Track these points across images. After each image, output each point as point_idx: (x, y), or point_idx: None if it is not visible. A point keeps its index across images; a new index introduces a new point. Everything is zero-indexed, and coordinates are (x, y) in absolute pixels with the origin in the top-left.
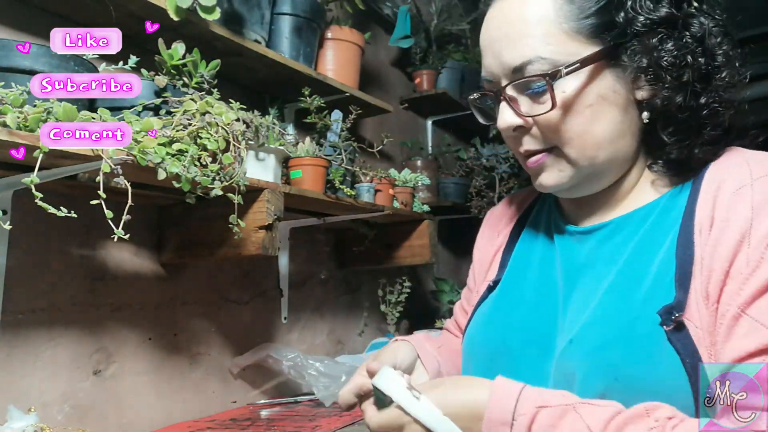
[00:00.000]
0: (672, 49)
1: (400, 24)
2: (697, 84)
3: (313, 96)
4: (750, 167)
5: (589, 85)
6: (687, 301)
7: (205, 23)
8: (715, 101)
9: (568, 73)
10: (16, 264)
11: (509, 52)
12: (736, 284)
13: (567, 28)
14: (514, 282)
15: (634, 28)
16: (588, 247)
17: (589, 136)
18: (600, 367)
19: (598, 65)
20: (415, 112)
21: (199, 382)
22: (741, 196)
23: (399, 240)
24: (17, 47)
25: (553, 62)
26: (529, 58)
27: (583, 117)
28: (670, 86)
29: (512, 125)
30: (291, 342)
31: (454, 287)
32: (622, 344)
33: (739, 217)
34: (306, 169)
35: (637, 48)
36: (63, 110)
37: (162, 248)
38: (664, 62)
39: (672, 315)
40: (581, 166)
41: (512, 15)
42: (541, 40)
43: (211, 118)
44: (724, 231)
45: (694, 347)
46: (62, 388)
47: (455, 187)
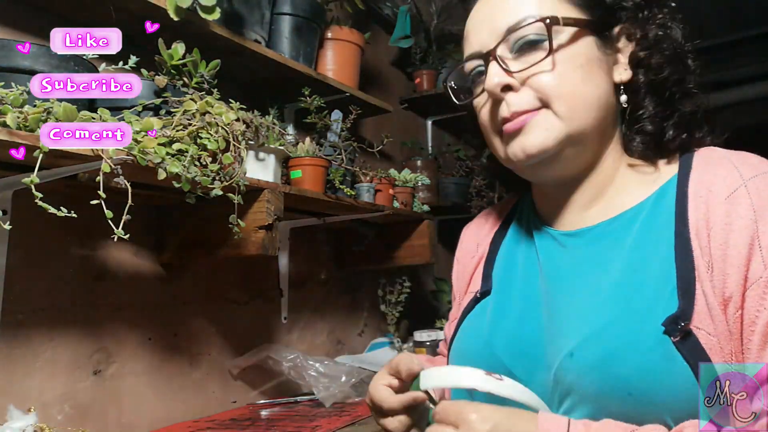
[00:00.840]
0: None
1: (400, 24)
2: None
3: (313, 96)
4: (738, 169)
5: (580, 46)
6: (693, 309)
7: (205, 23)
8: (690, 81)
9: (565, 24)
10: (16, 264)
11: (504, 16)
12: (759, 289)
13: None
14: (500, 291)
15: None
16: (571, 251)
17: (579, 94)
18: (608, 382)
19: (587, 31)
20: (415, 112)
21: (199, 382)
22: (738, 199)
23: (399, 240)
24: (17, 47)
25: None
26: (524, 16)
27: (576, 75)
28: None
29: (501, 83)
30: (291, 342)
31: None
32: (630, 357)
33: (743, 221)
34: (306, 169)
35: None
36: (63, 110)
37: (162, 248)
38: (652, 33)
39: (678, 325)
40: (570, 125)
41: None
42: (537, 3)
43: (211, 118)
44: (729, 235)
45: (704, 356)
46: (62, 388)
47: (455, 187)
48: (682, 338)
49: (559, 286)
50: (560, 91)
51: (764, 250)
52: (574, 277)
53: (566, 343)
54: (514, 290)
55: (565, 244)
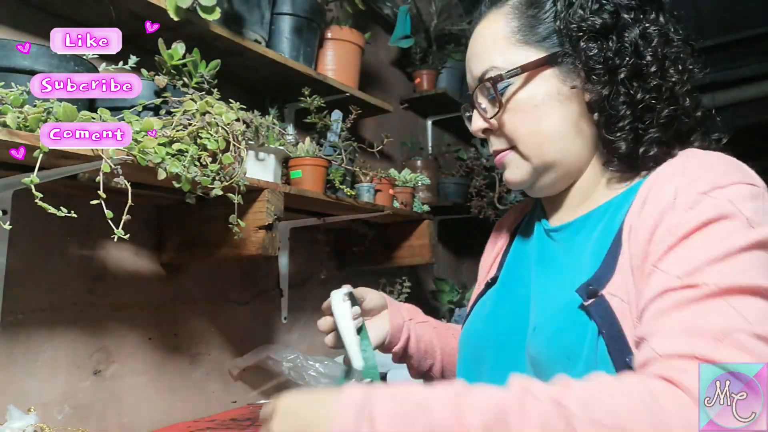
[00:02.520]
0: (597, 50)
1: (400, 24)
2: (632, 82)
3: (313, 96)
4: (685, 159)
5: (533, 87)
6: (611, 277)
7: (205, 23)
8: (651, 97)
9: (510, 77)
10: (16, 264)
11: (476, 66)
12: (656, 246)
13: (515, 40)
14: (507, 279)
15: (569, 35)
16: (556, 244)
17: (537, 133)
18: (555, 349)
19: (541, 69)
20: (415, 112)
21: (199, 382)
22: (671, 180)
23: (399, 240)
24: (17, 47)
25: (503, 69)
26: (486, 68)
27: (531, 116)
28: (599, 82)
29: (479, 128)
30: (291, 342)
31: (454, 287)
32: (571, 327)
33: (665, 195)
34: (306, 169)
35: (570, 51)
36: (63, 110)
37: (162, 248)
38: (590, 61)
39: (587, 288)
40: (534, 162)
41: (479, 35)
42: (495, 53)
43: (211, 118)
44: (652, 208)
45: (613, 318)
46: (62, 388)
47: (455, 187)
48: (593, 302)
49: (544, 274)
50: (518, 135)
51: (674, 215)
52: (554, 267)
53: (534, 321)
54: (519, 277)
55: (553, 237)
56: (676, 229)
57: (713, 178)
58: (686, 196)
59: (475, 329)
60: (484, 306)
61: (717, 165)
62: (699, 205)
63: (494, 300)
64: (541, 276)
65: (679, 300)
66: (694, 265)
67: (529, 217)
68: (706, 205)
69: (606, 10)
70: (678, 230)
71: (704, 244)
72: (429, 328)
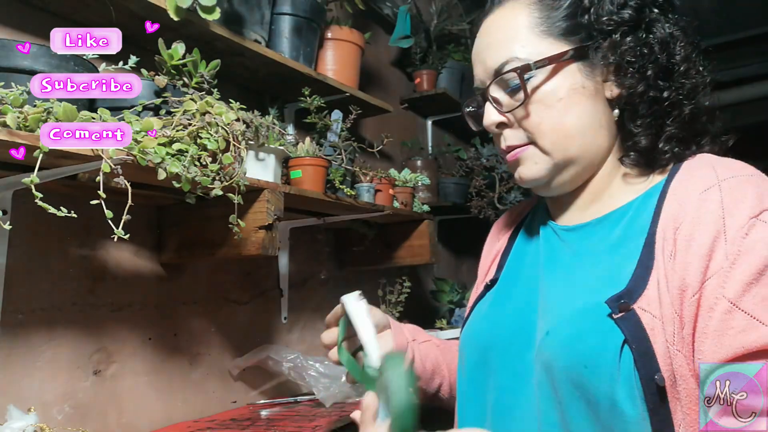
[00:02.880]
0: (631, 43)
1: (400, 24)
2: (659, 77)
3: (313, 96)
4: (716, 170)
5: (559, 80)
6: (642, 292)
7: (205, 23)
8: (679, 94)
9: (538, 68)
10: (16, 264)
11: (491, 57)
12: (720, 278)
13: (539, 31)
14: (509, 280)
15: (599, 29)
16: (567, 244)
17: (561, 128)
18: (570, 356)
19: (567, 62)
20: (415, 112)
21: (199, 382)
22: (709, 196)
23: (399, 240)
24: (17, 47)
25: (527, 61)
26: (507, 59)
27: (555, 110)
28: (633, 78)
29: (495, 122)
30: (291, 342)
31: (454, 287)
32: (589, 335)
33: (711, 216)
34: (306, 169)
35: (602, 45)
36: (63, 110)
37: (162, 248)
38: (627, 57)
39: (618, 302)
40: (555, 157)
41: (494, 26)
42: (518, 44)
43: (211, 118)
44: (695, 229)
45: (643, 333)
46: (62, 388)
47: (455, 187)
48: (623, 316)
49: (554, 275)
50: (541, 129)
51: (729, 242)
52: (567, 267)
53: (547, 324)
54: (521, 278)
55: (563, 238)
56: (737, 258)
57: (756, 199)
58: (737, 220)
59: (477, 332)
60: (485, 307)
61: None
62: (753, 230)
63: (495, 301)
64: (552, 278)
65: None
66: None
67: (531, 218)
68: (763, 232)
69: (631, 5)
70: (742, 261)
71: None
72: (432, 347)
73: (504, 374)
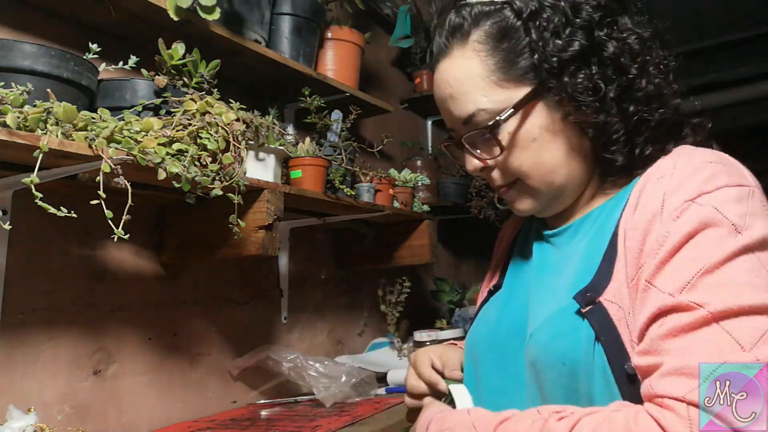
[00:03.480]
0: (583, 80)
1: (400, 24)
2: (621, 98)
3: (313, 96)
4: (677, 159)
5: (528, 122)
6: (608, 284)
7: (205, 23)
8: (642, 108)
9: (505, 120)
10: (16, 264)
11: (456, 109)
12: (648, 260)
13: (496, 78)
14: (511, 285)
15: (549, 68)
16: (555, 248)
17: (541, 166)
18: (551, 355)
19: (531, 104)
20: (415, 112)
21: (199, 382)
22: (660, 183)
23: (399, 240)
24: (17, 47)
25: (492, 111)
26: (472, 111)
27: (532, 151)
28: (591, 110)
29: (477, 168)
30: (291, 342)
31: (454, 287)
32: (567, 334)
33: (654, 201)
34: (306, 169)
35: (554, 84)
36: (63, 110)
37: (162, 248)
38: (577, 93)
39: (584, 295)
40: (542, 192)
41: (450, 77)
42: (478, 94)
43: (211, 118)
44: (642, 215)
45: (611, 325)
46: (62, 388)
47: (455, 187)
48: (590, 309)
49: (543, 277)
50: (523, 171)
51: (662, 225)
52: (553, 270)
53: (532, 325)
54: (518, 284)
55: (552, 242)
56: (665, 240)
57: (699, 183)
58: (673, 203)
59: (478, 337)
60: (488, 312)
61: (705, 166)
62: (685, 213)
63: (498, 306)
64: (540, 281)
65: (673, 327)
66: (685, 280)
67: (527, 225)
68: (692, 214)
69: (579, 29)
70: (666, 242)
71: (693, 257)
72: None
73: (499, 376)
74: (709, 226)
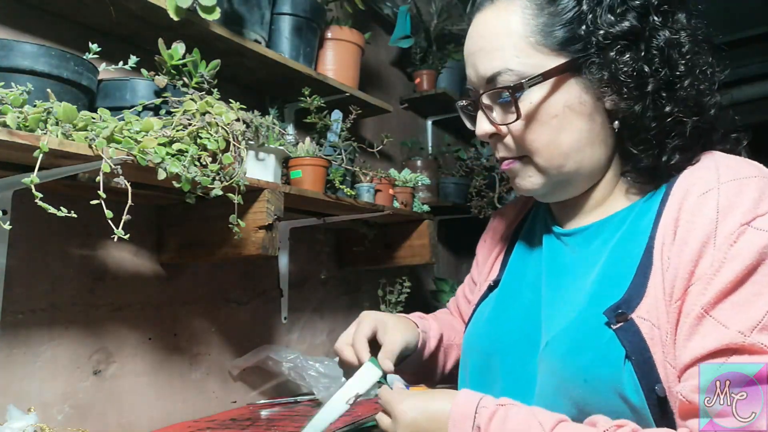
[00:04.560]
0: (629, 61)
1: (400, 24)
2: (661, 93)
3: (313, 96)
4: (718, 172)
5: (554, 96)
6: (641, 300)
7: (205, 23)
8: (680, 110)
9: (531, 86)
10: (16, 264)
11: (483, 64)
12: (701, 285)
13: (534, 41)
14: (511, 282)
15: (596, 42)
16: (569, 249)
17: (555, 146)
18: (569, 370)
19: (563, 77)
20: (415, 112)
21: (199, 382)
22: (707, 199)
23: (399, 240)
24: (17, 47)
25: (520, 74)
26: (499, 69)
27: (550, 127)
28: (630, 96)
29: (487, 132)
30: (291, 342)
31: (454, 287)
32: (588, 349)
33: (705, 219)
34: (306, 169)
35: (597, 61)
36: (63, 110)
37: (162, 248)
38: (621, 74)
39: (616, 312)
40: (549, 174)
41: (486, 30)
42: (511, 53)
43: (211, 118)
44: (690, 232)
45: (643, 344)
46: (62, 388)
47: (455, 187)
48: (621, 326)
49: (557, 280)
50: (535, 146)
51: (717, 248)
52: (569, 273)
53: (548, 333)
54: (524, 283)
55: (566, 243)
56: (721, 265)
57: (752, 204)
58: (728, 227)
59: (482, 336)
60: (488, 310)
61: (751, 182)
62: (742, 237)
63: (499, 305)
64: (553, 284)
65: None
66: (755, 318)
67: (532, 219)
68: (750, 240)
69: (634, 10)
70: (724, 268)
71: (758, 291)
72: (431, 322)
73: (508, 381)
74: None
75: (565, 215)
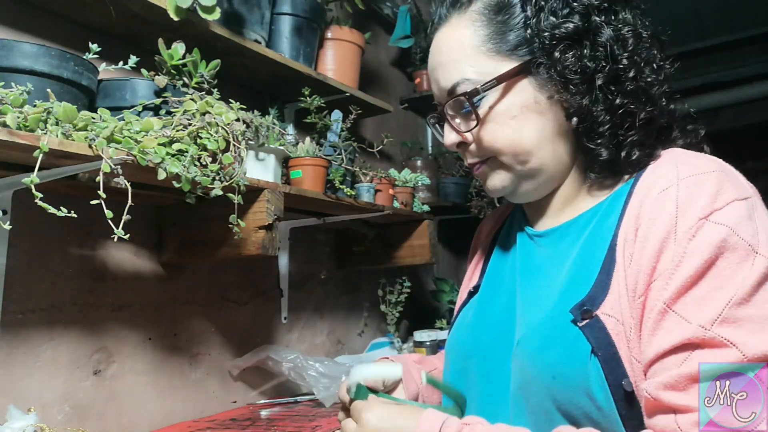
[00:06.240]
0: (573, 59)
1: (400, 24)
2: (609, 87)
3: (313, 96)
4: (677, 168)
5: (509, 98)
6: (605, 297)
7: (205, 23)
8: (629, 101)
9: (485, 90)
10: (16, 264)
11: (443, 77)
12: (663, 280)
13: (486, 50)
14: (489, 286)
15: (542, 44)
16: (541, 249)
17: (518, 143)
18: (538, 367)
19: (515, 79)
20: (415, 112)
21: (199, 382)
22: (667, 196)
23: (399, 240)
24: (17, 47)
25: (476, 82)
26: (457, 80)
27: (509, 128)
28: (578, 92)
29: (454, 142)
30: (291, 342)
31: (454, 287)
32: (557, 346)
33: (665, 215)
34: (306, 169)
35: (545, 61)
36: (63, 110)
37: (162, 248)
38: (567, 71)
39: (581, 309)
40: (515, 170)
41: (443, 45)
42: (466, 63)
43: (211, 118)
44: (650, 228)
45: (608, 339)
46: (62, 388)
47: (455, 187)
48: (587, 323)
49: (529, 280)
50: (497, 147)
51: (677, 242)
52: (540, 273)
53: (519, 332)
54: (501, 285)
55: (538, 243)
56: (681, 260)
57: (709, 199)
58: (687, 222)
59: (460, 340)
60: (468, 315)
61: (710, 177)
62: (700, 232)
63: (478, 309)
64: (527, 284)
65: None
66: (715, 312)
67: (509, 223)
68: (708, 234)
69: (577, 12)
70: (683, 263)
71: (717, 285)
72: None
73: (484, 383)
74: (726, 250)
75: (536, 216)
